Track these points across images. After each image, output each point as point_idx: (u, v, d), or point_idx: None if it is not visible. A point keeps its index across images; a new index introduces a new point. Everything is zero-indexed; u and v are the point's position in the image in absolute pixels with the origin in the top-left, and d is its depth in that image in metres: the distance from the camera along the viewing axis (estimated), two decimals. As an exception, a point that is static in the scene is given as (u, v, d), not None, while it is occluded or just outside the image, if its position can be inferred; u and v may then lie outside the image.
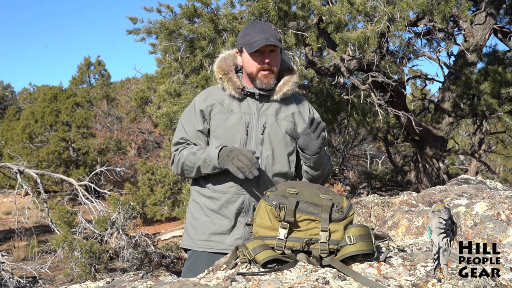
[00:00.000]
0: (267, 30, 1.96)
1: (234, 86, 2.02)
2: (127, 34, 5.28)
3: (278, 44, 1.95)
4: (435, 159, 6.64)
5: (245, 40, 1.98)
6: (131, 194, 10.70)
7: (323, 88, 6.66)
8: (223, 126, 2.00)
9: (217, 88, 2.10)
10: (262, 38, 1.93)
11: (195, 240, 2.04)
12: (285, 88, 2.05)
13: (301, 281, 1.45)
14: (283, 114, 2.06)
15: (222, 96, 2.05)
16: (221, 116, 2.01)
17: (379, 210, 2.54)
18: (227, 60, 2.09)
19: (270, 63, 1.98)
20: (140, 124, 15.10)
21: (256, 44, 1.93)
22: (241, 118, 2.01)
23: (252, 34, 1.96)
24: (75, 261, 6.93)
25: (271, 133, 2.01)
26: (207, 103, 2.04)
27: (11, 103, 29.91)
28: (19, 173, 7.25)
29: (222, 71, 2.05)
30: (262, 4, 4.32)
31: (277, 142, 2.02)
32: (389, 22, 4.12)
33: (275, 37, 1.96)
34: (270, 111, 2.04)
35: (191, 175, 2.03)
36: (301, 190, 1.68)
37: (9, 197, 10.97)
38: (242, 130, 1.99)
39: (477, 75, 5.75)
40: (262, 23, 2.01)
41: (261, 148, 2.01)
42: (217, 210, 2.01)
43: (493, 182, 2.73)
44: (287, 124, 2.05)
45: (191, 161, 1.98)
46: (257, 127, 2.01)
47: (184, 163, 2.01)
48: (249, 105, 2.03)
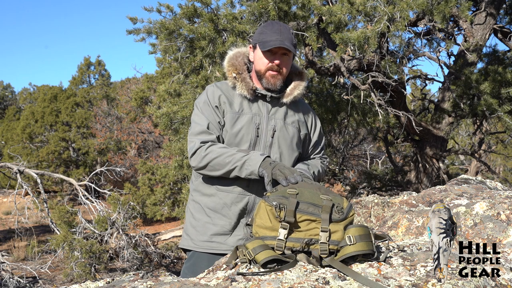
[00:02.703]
0: (284, 33, 1.95)
1: (248, 87, 2.01)
2: (127, 34, 5.27)
3: (291, 49, 1.94)
4: (435, 159, 6.63)
5: (261, 37, 1.98)
6: (131, 194, 10.71)
7: (323, 88, 6.66)
8: (233, 126, 1.99)
9: (226, 85, 2.07)
10: (277, 39, 1.93)
11: (196, 240, 2.03)
12: (296, 92, 2.07)
13: (301, 281, 1.45)
14: (290, 119, 2.07)
15: (232, 94, 2.04)
16: (231, 116, 2.00)
17: (379, 210, 2.54)
18: (239, 59, 2.07)
19: (280, 65, 1.98)
20: (140, 124, 15.10)
21: (270, 43, 1.93)
22: (252, 119, 2.00)
23: (269, 33, 1.96)
24: (75, 261, 6.93)
25: (280, 137, 2.03)
26: (220, 100, 2.02)
27: (11, 103, 29.93)
28: (19, 173, 7.26)
29: (235, 70, 2.03)
30: (262, 4, 4.32)
31: (285, 146, 2.04)
32: (389, 22, 4.12)
33: (290, 41, 1.95)
34: (278, 114, 2.04)
35: (216, 173, 1.94)
36: (301, 191, 1.68)
37: (9, 197, 10.97)
38: (252, 131, 1.99)
39: (477, 75, 5.75)
40: (281, 25, 2.00)
41: (270, 150, 2.02)
42: (219, 210, 2.00)
43: (493, 182, 2.73)
44: (293, 129, 2.06)
45: (225, 161, 1.90)
46: (267, 129, 2.01)
47: (216, 159, 1.91)
48: (259, 106, 2.03)
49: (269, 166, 1.83)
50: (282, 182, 1.74)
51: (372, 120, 7.30)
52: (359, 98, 5.71)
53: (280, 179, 1.76)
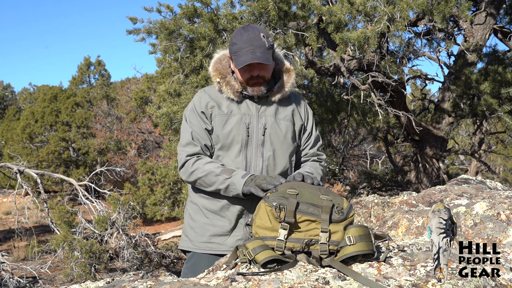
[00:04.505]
0: (254, 41, 1.89)
1: (233, 90, 1.99)
2: (127, 34, 5.27)
3: (262, 61, 1.89)
4: (435, 159, 6.64)
5: (233, 50, 1.93)
6: (131, 194, 10.70)
7: (323, 88, 6.66)
8: (223, 128, 1.99)
9: (213, 88, 2.07)
10: (248, 52, 1.88)
11: (195, 242, 2.03)
12: (284, 90, 2.05)
13: (301, 281, 1.45)
14: (282, 114, 2.05)
15: (220, 98, 2.03)
16: (221, 118, 1.99)
17: (379, 210, 2.54)
18: (223, 62, 2.05)
19: (259, 74, 1.95)
20: (140, 124, 15.10)
21: (242, 60, 1.89)
22: (241, 119, 1.99)
23: (239, 45, 1.90)
24: (75, 261, 6.93)
25: (272, 134, 2.01)
26: (207, 105, 2.01)
27: (11, 103, 29.91)
28: (19, 173, 7.26)
29: (219, 75, 2.02)
30: (262, 4, 4.32)
31: (278, 143, 2.02)
32: (389, 22, 4.12)
33: (263, 47, 1.90)
34: (269, 111, 2.03)
35: (205, 189, 1.99)
36: (301, 191, 1.68)
37: (9, 197, 10.97)
38: (243, 131, 1.98)
39: (477, 75, 5.75)
40: (250, 31, 1.92)
41: (262, 149, 2.00)
42: (217, 211, 2.00)
43: (493, 182, 2.73)
44: (286, 123, 2.04)
45: (211, 180, 1.92)
46: (257, 128, 2.00)
47: (202, 178, 1.94)
48: (248, 106, 2.02)
49: (251, 182, 1.84)
50: (259, 194, 1.79)
51: (372, 120, 7.30)
52: (359, 98, 5.71)
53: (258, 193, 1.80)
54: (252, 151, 1.99)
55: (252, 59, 1.87)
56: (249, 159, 1.99)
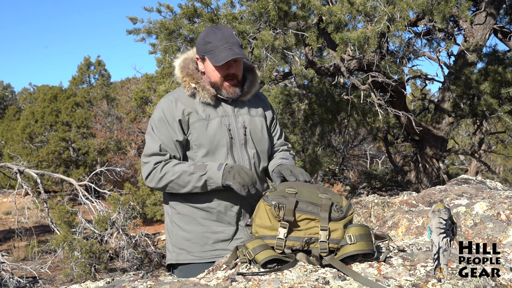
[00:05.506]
0: (229, 38, 1.89)
1: (210, 94, 1.96)
2: (127, 34, 5.28)
3: (243, 56, 1.90)
4: (435, 159, 6.64)
5: (208, 48, 1.91)
6: (131, 194, 10.70)
7: (323, 88, 6.66)
8: (205, 133, 1.95)
9: (182, 93, 2.00)
10: (226, 48, 1.87)
11: (196, 252, 1.97)
12: (253, 90, 2.08)
13: (301, 281, 1.45)
14: (255, 111, 2.09)
15: (193, 103, 1.98)
16: (201, 124, 1.95)
17: (379, 210, 2.54)
18: (190, 66, 2.01)
19: (235, 73, 1.95)
20: (140, 124, 15.09)
21: (223, 56, 1.87)
22: (221, 121, 1.98)
23: (214, 43, 1.89)
24: (75, 261, 6.93)
25: (252, 132, 2.04)
26: (183, 112, 1.95)
27: (11, 103, 29.90)
28: (19, 173, 7.25)
29: (193, 80, 1.97)
30: (262, 4, 4.32)
31: (257, 140, 2.05)
32: (389, 22, 4.12)
33: (238, 44, 1.91)
34: (243, 110, 2.05)
35: (178, 191, 1.93)
36: (300, 190, 1.69)
37: (9, 197, 10.97)
38: (226, 134, 1.97)
39: (477, 75, 5.75)
40: (223, 30, 1.93)
41: (246, 148, 2.02)
42: (214, 218, 1.97)
43: (493, 182, 2.73)
44: (260, 119, 2.09)
45: (184, 181, 1.88)
46: (237, 128, 2.01)
47: (174, 181, 1.89)
48: (224, 108, 2.02)
49: (228, 174, 1.84)
50: (241, 192, 1.81)
51: (372, 120, 7.30)
52: (359, 98, 5.71)
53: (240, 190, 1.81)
54: (238, 151, 1.99)
55: (232, 55, 1.88)
56: (237, 160, 1.98)
